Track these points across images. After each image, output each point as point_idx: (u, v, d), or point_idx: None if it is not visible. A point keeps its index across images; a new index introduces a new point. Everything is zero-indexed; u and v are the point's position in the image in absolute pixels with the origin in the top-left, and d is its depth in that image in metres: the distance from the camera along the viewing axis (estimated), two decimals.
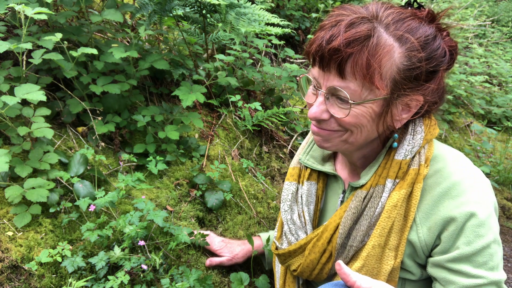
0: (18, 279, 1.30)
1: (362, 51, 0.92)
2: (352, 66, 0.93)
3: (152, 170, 1.72)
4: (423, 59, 0.95)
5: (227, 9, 1.88)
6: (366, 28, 0.93)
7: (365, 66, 0.93)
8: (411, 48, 0.95)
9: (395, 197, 1.05)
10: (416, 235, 1.06)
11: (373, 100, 0.97)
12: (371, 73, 0.93)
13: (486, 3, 6.89)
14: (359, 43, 0.92)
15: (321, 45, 0.96)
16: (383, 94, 0.96)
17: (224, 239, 1.69)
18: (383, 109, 0.99)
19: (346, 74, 0.95)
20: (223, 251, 1.63)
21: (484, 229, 1.00)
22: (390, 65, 0.94)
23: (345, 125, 1.01)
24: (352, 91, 0.96)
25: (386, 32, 0.95)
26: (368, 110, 0.99)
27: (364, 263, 1.08)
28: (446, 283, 1.04)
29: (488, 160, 3.53)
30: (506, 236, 2.96)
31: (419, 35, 0.96)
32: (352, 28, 0.93)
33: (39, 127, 1.51)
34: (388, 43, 0.94)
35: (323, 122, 1.04)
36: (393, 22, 0.96)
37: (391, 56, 0.94)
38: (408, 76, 0.96)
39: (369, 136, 1.05)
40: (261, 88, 2.52)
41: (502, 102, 4.22)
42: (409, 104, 1.01)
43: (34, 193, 1.41)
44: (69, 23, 2.04)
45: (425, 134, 1.08)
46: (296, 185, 1.27)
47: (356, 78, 0.94)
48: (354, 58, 0.93)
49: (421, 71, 0.96)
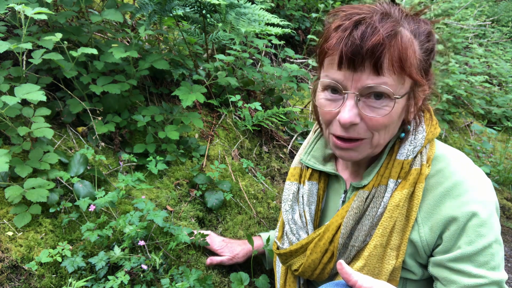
0: (18, 279, 1.30)
1: (396, 45, 0.92)
2: (389, 60, 0.92)
3: (152, 170, 1.72)
4: (432, 49, 1.00)
5: (227, 9, 1.88)
6: (392, 23, 0.94)
7: (401, 59, 0.93)
8: (423, 40, 0.99)
9: (397, 197, 1.05)
10: (417, 234, 1.06)
11: (405, 94, 0.98)
12: (409, 65, 0.94)
13: (486, 3, 6.89)
14: (393, 37, 0.92)
15: (353, 43, 0.92)
16: (411, 86, 0.99)
17: (224, 239, 1.69)
18: (407, 102, 1.01)
19: (384, 69, 0.93)
20: (224, 251, 1.63)
21: (485, 229, 1.00)
22: (415, 57, 0.97)
23: (376, 127, 0.99)
24: (390, 86, 0.94)
25: (404, 28, 0.96)
26: (400, 106, 0.98)
27: (365, 262, 1.08)
28: (447, 282, 1.04)
29: (488, 160, 3.53)
30: (506, 236, 2.96)
31: (423, 29, 1.00)
32: (385, 23, 0.93)
33: (39, 127, 1.51)
34: (410, 37, 0.96)
35: (353, 128, 0.99)
36: (403, 17, 0.99)
37: (414, 49, 0.96)
38: (424, 66, 1.00)
39: (393, 133, 1.05)
40: (261, 88, 2.52)
41: (502, 102, 4.22)
42: (418, 95, 1.03)
43: (34, 193, 1.41)
44: (69, 23, 2.04)
45: (427, 133, 1.09)
46: (297, 185, 1.27)
47: (394, 73, 0.93)
48: (390, 53, 0.92)
49: (431, 61, 1.02)
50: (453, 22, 4.70)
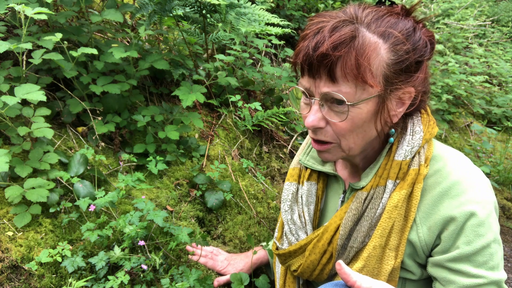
0: (18, 279, 1.30)
1: (350, 52, 0.94)
2: (342, 68, 0.94)
3: (152, 170, 1.72)
4: (409, 50, 0.98)
5: (227, 9, 1.88)
6: (349, 30, 0.95)
7: (355, 67, 0.94)
8: (395, 42, 0.97)
9: (396, 197, 1.05)
10: (416, 235, 1.06)
11: (368, 99, 0.98)
12: (362, 72, 0.94)
13: (486, 3, 6.89)
14: (345, 45, 0.94)
15: (307, 53, 0.96)
16: (377, 91, 0.98)
17: (227, 256, 1.68)
18: (379, 106, 1.00)
19: (337, 77, 0.95)
20: (228, 270, 1.62)
21: (484, 229, 1.00)
22: (378, 61, 0.96)
23: (341, 131, 1.02)
24: (345, 93, 0.96)
25: (368, 31, 0.97)
26: (363, 111, 0.99)
27: (365, 263, 1.08)
28: (446, 282, 1.04)
29: (488, 160, 3.53)
30: (506, 236, 2.96)
31: (400, 29, 0.99)
32: (336, 32, 0.95)
33: (39, 127, 1.51)
34: (373, 41, 0.96)
35: (319, 131, 1.04)
36: (373, 20, 0.98)
37: (378, 52, 0.96)
38: (398, 70, 0.98)
39: (367, 136, 1.05)
40: (261, 88, 2.52)
41: (502, 102, 4.22)
42: (402, 98, 1.03)
43: (34, 193, 1.41)
44: (69, 23, 2.04)
45: (424, 134, 1.09)
46: (296, 186, 1.27)
47: (348, 80, 0.95)
48: (343, 61, 0.94)
49: (409, 63, 0.99)
50: (453, 22, 4.70)
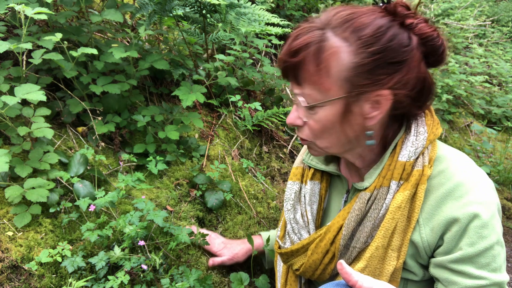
0: (18, 279, 1.30)
1: (308, 58, 0.98)
2: (303, 72, 1.00)
3: (152, 170, 1.72)
4: (377, 52, 0.95)
5: (227, 9, 1.88)
6: (311, 36, 0.98)
7: (313, 71, 0.98)
8: (360, 44, 0.96)
9: (399, 198, 1.05)
10: (419, 235, 1.06)
11: (329, 101, 1.00)
12: (320, 76, 0.98)
13: (486, 3, 6.89)
14: (303, 51, 0.98)
15: (279, 58, 1.05)
16: (338, 94, 0.99)
17: (224, 240, 1.69)
18: (345, 109, 1.01)
19: (301, 80, 1.01)
20: (223, 252, 1.63)
21: (487, 230, 1.00)
22: (339, 65, 0.96)
23: (313, 131, 1.06)
24: (308, 95, 1.01)
25: (334, 35, 0.97)
26: (330, 113, 1.02)
27: (367, 263, 1.08)
28: (448, 283, 1.04)
29: (488, 160, 3.53)
30: (506, 236, 2.96)
31: (367, 31, 0.96)
32: (297, 39, 1.00)
33: (39, 127, 1.51)
34: (334, 45, 0.96)
35: (299, 129, 1.10)
36: (341, 24, 0.98)
37: (339, 56, 0.96)
38: (361, 73, 0.96)
39: (343, 138, 1.06)
40: (261, 88, 2.52)
41: (502, 102, 4.22)
42: (377, 101, 1.00)
43: (34, 193, 1.41)
44: (69, 23, 2.04)
45: (428, 134, 1.08)
46: (299, 185, 1.27)
47: (309, 83, 1.00)
48: (303, 65, 0.99)
49: (378, 65, 0.96)
50: (453, 22, 4.70)
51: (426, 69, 1.05)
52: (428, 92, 1.07)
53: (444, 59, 1.05)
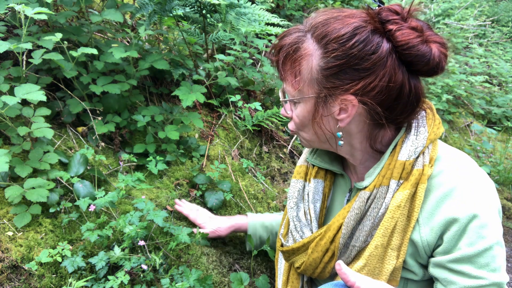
0: (18, 279, 1.30)
1: (284, 57, 1.07)
2: (283, 70, 1.09)
3: (152, 170, 1.72)
4: (338, 58, 0.99)
5: (227, 9, 1.88)
6: (293, 37, 1.06)
7: (289, 70, 1.07)
8: (328, 48, 1.00)
9: (399, 197, 1.05)
10: (418, 235, 1.06)
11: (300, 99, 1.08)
12: (293, 75, 1.07)
13: (486, 3, 6.89)
14: (281, 51, 1.08)
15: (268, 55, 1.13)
16: (309, 93, 1.05)
17: (210, 214, 1.73)
18: (315, 108, 1.07)
19: (282, 77, 1.11)
20: (206, 224, 1.67)
21: (486, 231, 1.00)
22: (310, 67, 1.03)
23: (295, 124, 1.15)
24: (288, 91, 1.11)
25: (310, 37, 1.04)
26: (304, 110, 1.09)
27: (366, 262, 1.08)
28: (447, 283, 1.03)
29: (488, 160, 3.53)
30: (506, 236, 2.96)
31: (335, 36, 0.99)
32: (282, 39, 1.08)
33: (39, 127, 1.51)
34: (308, 48, 1.03)
35: (290, 120, 1.17)
36: (319, 27, 1.03)
37: (309, 58, 1.03)
38: (327, 76, 1.02)
39: (319, 134, 1.11)
40: (261, 88, 2.52)
41: (502, 102, 4.22)
42: (344, 104, 1.02)
43: (34, 193, 1.41)
44: (69, 23, 2.04)
45: (429, 134, 1.08)
46: (303, 183, 1.27)
47: (287, 80, 1.10)
48: (283, 64, 1.09)
49: (340, 70, 0.99)
50: (453, 22, 4.70)
51: (405, 77, 1.00)
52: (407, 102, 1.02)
53: (438, 68, 1.01)
